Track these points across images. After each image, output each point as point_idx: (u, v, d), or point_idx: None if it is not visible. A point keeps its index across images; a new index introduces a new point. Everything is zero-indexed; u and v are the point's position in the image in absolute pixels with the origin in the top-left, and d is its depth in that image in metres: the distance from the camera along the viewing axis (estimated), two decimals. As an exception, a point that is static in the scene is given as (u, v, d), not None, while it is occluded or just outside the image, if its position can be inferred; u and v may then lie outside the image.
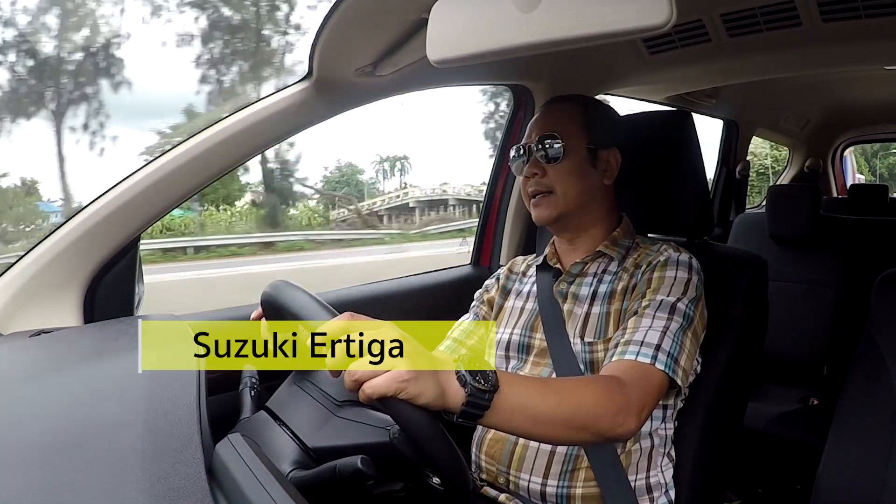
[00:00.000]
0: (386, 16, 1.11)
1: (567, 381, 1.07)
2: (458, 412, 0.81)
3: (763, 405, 2.30)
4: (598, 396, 0.95)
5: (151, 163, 1.24)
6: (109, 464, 0.66)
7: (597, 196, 1.28)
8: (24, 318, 1.18)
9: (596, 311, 1.22)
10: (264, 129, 1.31)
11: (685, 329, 1.10)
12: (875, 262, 2.08)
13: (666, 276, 1.16)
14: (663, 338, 1.07)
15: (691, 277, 1.16)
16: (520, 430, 0.92)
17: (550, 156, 1.24)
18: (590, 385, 1.00)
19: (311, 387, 1.03)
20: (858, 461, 1.12)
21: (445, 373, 0.80)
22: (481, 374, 0.82)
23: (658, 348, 1.06)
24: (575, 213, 1.26)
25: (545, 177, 1.25)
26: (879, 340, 1.17)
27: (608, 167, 1.28)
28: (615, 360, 1.07)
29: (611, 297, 1.22)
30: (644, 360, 1.04)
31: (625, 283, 1.22)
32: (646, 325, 1.09)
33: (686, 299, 1.13)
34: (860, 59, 1.98)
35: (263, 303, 1.01)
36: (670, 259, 1.19)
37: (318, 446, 0.93)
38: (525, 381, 0.94)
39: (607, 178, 1.29)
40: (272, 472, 0.73)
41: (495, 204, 2.00)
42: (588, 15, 0.79)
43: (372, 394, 0.74)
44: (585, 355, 1.19)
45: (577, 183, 1.25)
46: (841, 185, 4.88)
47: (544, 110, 1.34)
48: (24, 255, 1.21)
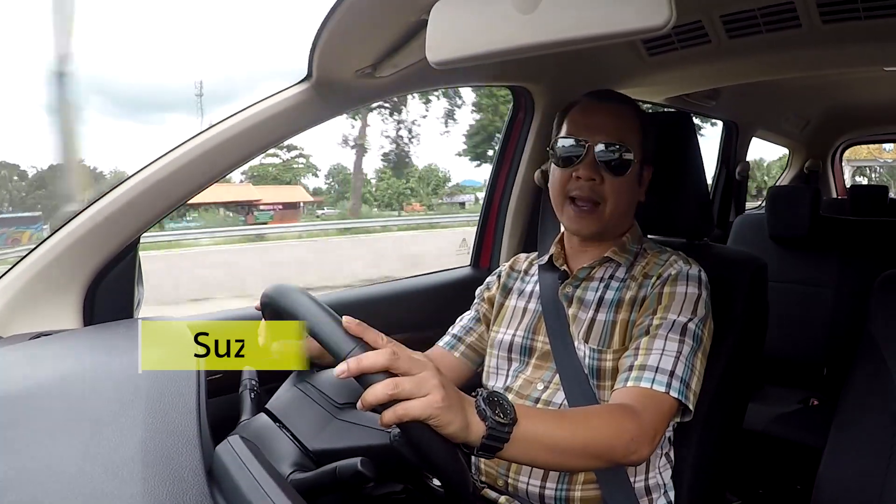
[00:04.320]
0: (385, 17, 1.11)
1: (582, 412, 1.05)
2: (478, 445, 0.81)
3: (763, 406, 2.30)
4: (612, 427, 0.97)
5: (151, 164, 1.24)
6: (109, 465, 0.66)
7: (631, 211, 1.26)
8: (24, 321, 1.17)
9: (602, 317, 1.21)
10: (264, 131, 1.31)
11: (696, 351, 1.11)
12: (875, 262, 2.08)
13: (677, 291, 1.15)
14: (676, 363, 1.07)
15: (701, 294, 1.15)
16: (538, 462, 0.93)
17: (615, 166, 1.17)
18: (604, 416, 1.01)
19: (312, 389, 1.03)
20: (859, 462, 1.12)
21: (469, 406, 0.81)
22: (500, 409, 0.83)
23: (672, 374, 1.06)
24: (611, 228, 1.23)
25: (601, 185, 1.18)
26: (879, 341, 1.17)
27: (644, 183, 1.26)
28: (630, 387, 1.06)
29: (618, 305, 1.20)
30: (659, 389, 1.05)
31: (633, 293, 1.20)
32: (658, 347, 1.09)
33: (696, 318, 1.13)
34: (860, 61, 1.98)
35: (270, 307, 1.01)
36: (681, 273, 1.17)
37: (318, 448, 0.93)
38: (542, 414, 0.95)
39: (642, 195, 1.26)
40: (272, 474, 0.73)
41: (495, 205, 2.00)
42: (588, 16, 0.79)
43: (404, 415, 0.74)
44: (591, 362, 1.18)
45: (627, 200, 1.21)
46: (841, 186, 4.88)
47: (605, 107, 1.23)
48: (24, 257, 1.21)
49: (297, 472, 0.90)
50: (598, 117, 1.21)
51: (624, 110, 1.23)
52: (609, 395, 1.14)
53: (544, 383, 1.22)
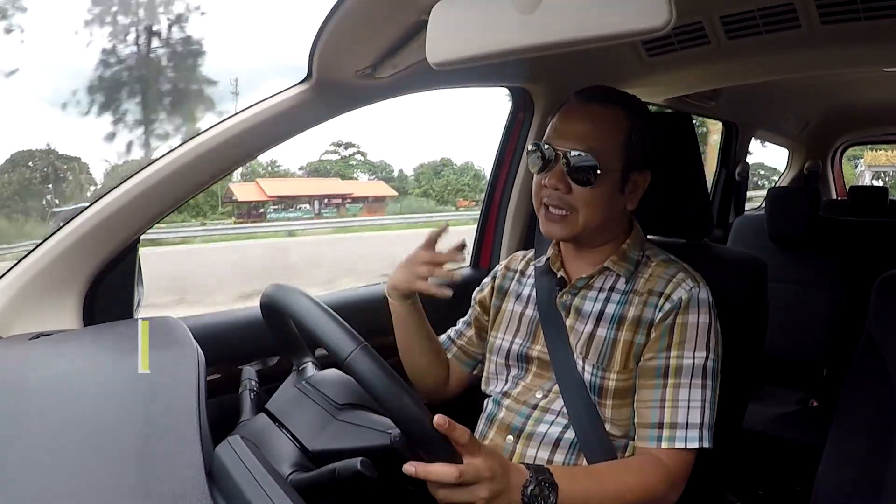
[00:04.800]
0: (385, 18, 1.11)
1: (616, 471, 1.09)
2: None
3: (763, 406, 2.30)
4: (646, 486, 1.05)
5: (151, 164, 1.24)
6: (109, 466, 0.66)
7: (616, 219, 1.21)
8: (24, 321, 1.17)
9: (601, 333, 1.17)
10: (264, 131, 1.31)
11: (715, 388, 1.12)
12: (874, 263, 2.07)
13: (689, 323, 1.12)
14: (703, 413, 1.10)
15: (711, 322, 1.13)
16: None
17: (581, 179, 1.12)
18: (635, 474, 1.07)
19: (311, 389, 1.03)
20: (858, 462, 1.12)
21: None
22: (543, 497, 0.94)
23: (701, 426, 1.09)
24: (589, 235, 1.19)
25: (569, 194, 1.13)
26: (879, 342, 1.16)
27: (635, 189, 1.19)
28: (664, 448, 1.09)
29: (619, 322, 1.16)
30: (692, 446, 1.08)
31: (637, 311, 1.15)
32: (684, 398, 1.10)
33: (713, 355, 1.12)
34: (859, 61, 1.98)
35: (269, 308, 1.01)
36: (692, 300, 1.13)
37: (318, 449, 0.93)
38: (582, 482, 1.03)
39: (631, 202, 1.19)
40: (272, 474, 0.73)
41: (495, 205, 2.00)
42: (587, 17, 0.79)
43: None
44: (593, 379, 1.15)
45: (602, 210, 1.15)
46: (840, 186, 4.89)
47: (584, 110, 1.17)
48: (24, 257, 1.21)
49: (297, 472, 0.90)
50: (574, 124, 1.16)
51: (606, 114, 1.15)
52: (610, 413, 1.15)
53: (543, 391, 1.21)
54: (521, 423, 1.20)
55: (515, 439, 1.19)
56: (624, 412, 1.14)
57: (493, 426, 1.23)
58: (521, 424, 1.19)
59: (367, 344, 0.85)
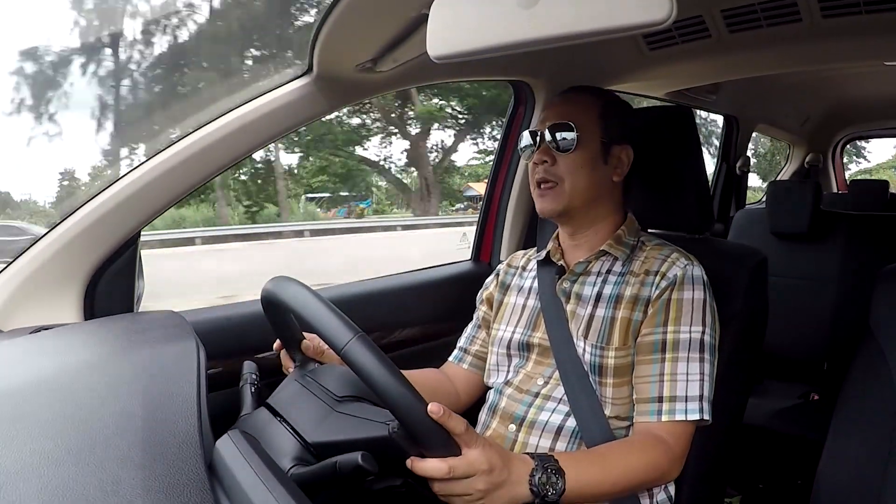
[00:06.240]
0: (386, 11, 1.11)
1: (619, 452, 1.09)
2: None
3: (764, 401, 2.30)
4: (648, 464, 1.07)
5: (153, 158, 1.24)
6: (109, 460, 0.66)
7: (604, 192, 1.25)
8: (25, 315, 1.18)
9: (600, 313, 1.20)
10: (265, 125, 1.31)
11: (713, 363, 1.14)
12: (876, 257, 2.07)
13: (684, 298, 1.15)
14: (703, 385, 1.11)
15: (706, 297, 1.16)
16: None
17: (562, 146, 1.21)
18: (637, 453, 1.08)
19: (312, 382, 1.03)
20: (859, 456, 1.12)
21: (518, 485, 0.92)
22: (551, 485, 0.94)
23: (700, 398, 1.10)
24: (581, 207, 1.23)
25: (554, 166, 1.22)
26: (880, 336, 1.16)
27: (619, 163, 1.26)
28: (664, 422, 1.10)
29: (616, 301, 1.19)
30: (692, 418, 1.10)
31: (634, 290, 1.19)
32: (682, 372, 1.11)
33: (709, 329, 1.14)
34: (860, 55, 1.97)
35: (269, 300, 1.01)
36: (687, 276, 1.17)
37: (318, 441, 0.93)
38: (587, 467, 1.02)
39: (617, 174, 1.26)
40: (272, 468, 0.73)
41: (496, 199, 2.00)
42: (589, 10, 0.78)
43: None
44: (592, 358, 1.18)
45: (586, 176, 1.22)
46: (841, 180, 4.88)
47: (562, 98, 1.30)
48: (25, 250, 1.21)
49: (298, 466, 0.90)
50: (552, 109, 1.27)
51: (579, 97, 1.28)
52: (611, 392, 1.16)
53: (544, 378, 1.23)
54: (523, 411, 1.21)
55: (517, 428, 1.20)
56: (624, 391, 1.16)
57: (496, 416, 1.25)
58: (523, 413, 1.21)
59: (364, 333, 0.85)
